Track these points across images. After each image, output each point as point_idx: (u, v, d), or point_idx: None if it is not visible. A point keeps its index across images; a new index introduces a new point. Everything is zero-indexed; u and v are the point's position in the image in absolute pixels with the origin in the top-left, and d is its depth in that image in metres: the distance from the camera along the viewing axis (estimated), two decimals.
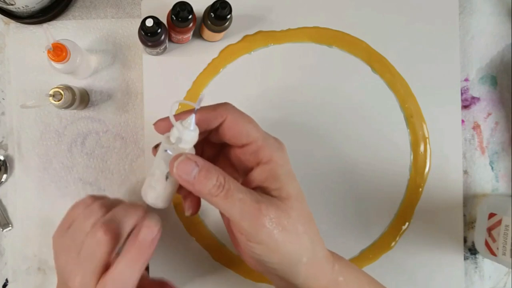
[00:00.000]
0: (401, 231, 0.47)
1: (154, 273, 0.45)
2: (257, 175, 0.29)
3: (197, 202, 0.33)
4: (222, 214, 0.31)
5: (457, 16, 0.47)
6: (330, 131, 0.47)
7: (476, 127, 0.49)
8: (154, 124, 0.30)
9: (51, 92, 0.40)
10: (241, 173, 0.32)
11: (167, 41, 0.42)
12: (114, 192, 0.46)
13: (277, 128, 0.46)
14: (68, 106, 0.41)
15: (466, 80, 0.49)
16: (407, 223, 0.47)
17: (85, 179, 0.46)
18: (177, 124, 0.27)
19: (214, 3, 0.39)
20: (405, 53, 0.47)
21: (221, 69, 0.46)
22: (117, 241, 0.29)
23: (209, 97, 0.46)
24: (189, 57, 0.46)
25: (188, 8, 0.38)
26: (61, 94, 0.40)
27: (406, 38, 0.47)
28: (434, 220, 0.47)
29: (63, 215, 0.46)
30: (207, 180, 0.27)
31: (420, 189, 0.47)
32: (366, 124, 0.47)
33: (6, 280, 0.46)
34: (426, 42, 0.47)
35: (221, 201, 0.27)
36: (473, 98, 0.49)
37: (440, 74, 0.47)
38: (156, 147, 0.30)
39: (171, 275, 0.45)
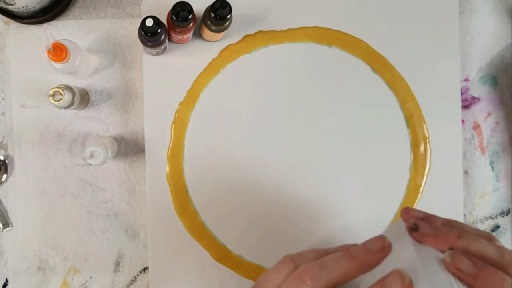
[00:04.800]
0: None
1: (154, 273, 0.45)
2: None
3: None
4: None
5: (457, 16, 0.47)
6: (330, 130, 0.47)
7: (476, 127, 0.49)
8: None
9: (51, 92, 0.40)
10: None
11: (167, 41, 0.42)
12: (114, 192, 0.46)
13: (277, 128, 0.46)
14: (68, 106, 0.41)
15: (466, 80, 0.49)
16: None
17: (85, 179, 0.46)
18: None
19: (214, 3, 0.39)
20: (405, 53, 0.47)
21: (221, 69, 0.46)
22: None
23: (209, 97, 0.46)
24: (189, 57, 0.46)
25: (188, 8, 0.38)
26: (61, 94, 0.40)
27: (406, 38, 0.47)
28: None
29: (63, 215, 0.46)
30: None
31: (420, 189, 0.47)
32: (366, 124, 0.47)
33: (6, 280, 0.46)
34: (426, 42, 0.47)
35: None
36: (473, 98, 0.49)
37: (440, 74, 0.47)
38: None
39: (171, 275, 0.45)
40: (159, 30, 0.38)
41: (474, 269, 0.24)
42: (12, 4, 0.40)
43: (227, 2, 0.39)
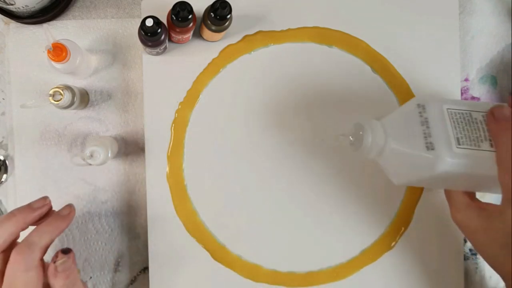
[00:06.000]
0: (401, 231, 0.47)
1: (154, 273, 0.45)
2: None
3: None
4: None
5: (457, 16, 0.48)
6: (330, 131, 0.47)
7: None
8: None
9: (51, 92, 0.40)
10: None
11: (167, 41, 0.42)
12: (114, 192, 0.46)
13: (277, 128, 0.46)
14: (68, 106, 0.41)
15: (466, 80, 0.49)
16: (407, 223, 0.47)
17: (85, 179, 0.46)
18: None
19: (214, 3, 0.39)
20: (405, 53, 0.47)
21: (221, 69, 0.46)
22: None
23: (209, 97, 0.46)
24: (189, 57, 0.46)
25: (188, 8, 0.38)
26: (61, 94, 0.40)
27: (406, 38, 0.47)
28: (434, 220, 0.47)
29: None
30: None
31: (420, 189, 0.47)
32: None
33: None
34: (426, 42, 0.47)
35: None
36: (473, 98, 0.49)
37: (440, 74, 0.47)
38: None
39: (171, 275, 0.45)
40: (159, 30, 0.38)
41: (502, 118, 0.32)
42: (12, 4, 0.40)
43: (227, 2, 0.39)
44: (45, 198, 0.37)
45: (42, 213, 0.36)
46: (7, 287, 0.31)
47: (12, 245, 0.33)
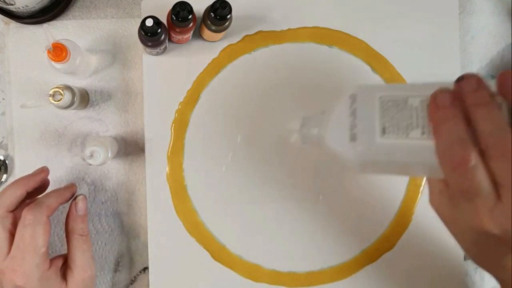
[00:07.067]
0: (402, 231, 0.47)
1: (154, 273, 0.45)
2: None
3: None
4: None
5: (457, 16, 0.47)
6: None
7: None
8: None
9: (51, 92, 0.40)
10: None
11: (167, 41, 0.42)
12: (114, 192, 0.46)
13: (277, 128, 0.46)
14: (68, 106, 0.41)
15: None
16: (407, 223, 0.47)
17: (85, 179, 0.46)
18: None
19: (214, 3, 0.39)
20: (405, 53, 0.47)
21: (221, 69, 0.46)
22: None
23: (209, 97, 0.46)
24: (189, 57, 0.46)
25: (188, 8, 0.38)
26: (61, 94, 0.40)
27: (406, 38, 0.47)
28: (435, 220, 0.47)
29: (63, 215, 0.46)
30: None
31: (420, 189, 0.47)
32: None
33: None
34: (426, 42, 0.47)
35: None
36: None
37: (440, 74, 0.47)
38: None
39: (171, 275, 0.45)
40: (159, 30, 0.38)
41: (444, 103, 0.29)
42: (12, 4, 0.40)
43: (227, 2, 0.39)
44: (42, 166, 0.41)
45: (42, 178, 0.40)
46: (17, 240, 0.36)
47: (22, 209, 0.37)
